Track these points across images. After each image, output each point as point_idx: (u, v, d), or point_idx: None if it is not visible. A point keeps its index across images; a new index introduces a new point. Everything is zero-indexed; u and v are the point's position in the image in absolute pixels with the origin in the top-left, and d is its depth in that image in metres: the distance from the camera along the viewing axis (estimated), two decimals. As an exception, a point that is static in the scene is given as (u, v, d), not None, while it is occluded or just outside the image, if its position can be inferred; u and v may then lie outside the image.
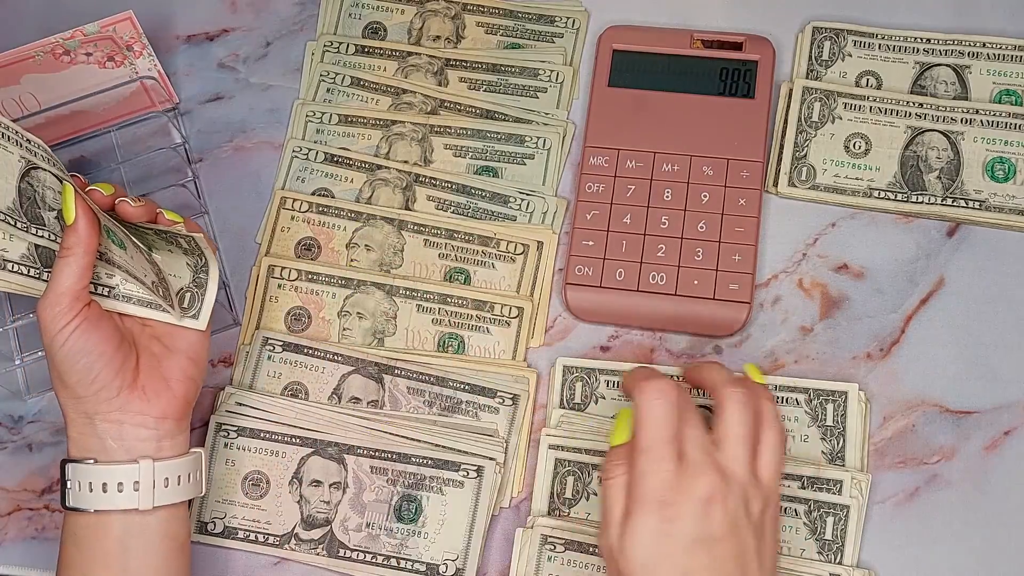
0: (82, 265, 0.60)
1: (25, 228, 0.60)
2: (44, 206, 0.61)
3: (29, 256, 0.62)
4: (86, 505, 0.62)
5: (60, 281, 0.60)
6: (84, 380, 0.62)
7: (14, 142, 0.60)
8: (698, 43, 0.79)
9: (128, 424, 0.63)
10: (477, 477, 0.71)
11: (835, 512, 0.68)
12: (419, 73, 0.82)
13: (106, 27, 0.80)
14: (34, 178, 0.61)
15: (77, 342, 0.61)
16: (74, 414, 0.63)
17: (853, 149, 0.77)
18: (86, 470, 0.63)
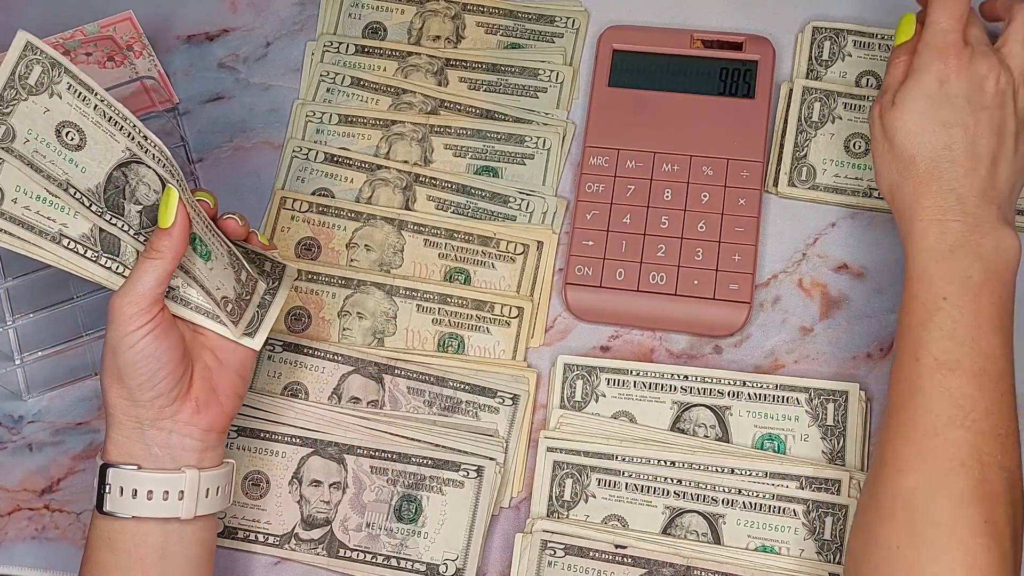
0: (167, 270, 0.60)
1: (99, 212, 0.60)
2: (130, 198, 0.61)
3: (90, 237, 0.61)
4: (125, 511, 0.61)
5: (143, 281, 0.60)
6: (145, 385, 0.61)
7: (125, 133, 0.60)
8: (698, 43, 0.79)
9: (176, 433, 0.63)
10: (477, 477, 0.71)
11: (834, 512, 0.68)
12: (419, 73, 0.82)
13: (106, 27, 0.80)
14: (132, 171, 0.61)
15: (148, 346, 0.60)
16: (123, 416, 0.62)
17: (853, 149, 0.77)
18: (129, 476, 0.62)
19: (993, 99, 0.65)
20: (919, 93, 0.65)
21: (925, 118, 0.65)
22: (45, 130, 0.58)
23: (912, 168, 0.65)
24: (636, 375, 0.73)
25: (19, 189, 0.58)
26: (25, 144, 0.58)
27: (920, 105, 0.65)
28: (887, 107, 0.67)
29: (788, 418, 0.71)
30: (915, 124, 0.65)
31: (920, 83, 0.65)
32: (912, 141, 0.65)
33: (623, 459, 0.70)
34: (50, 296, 0.76)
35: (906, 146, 0.65)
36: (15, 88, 0.57)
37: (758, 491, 0.69)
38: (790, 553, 0.68)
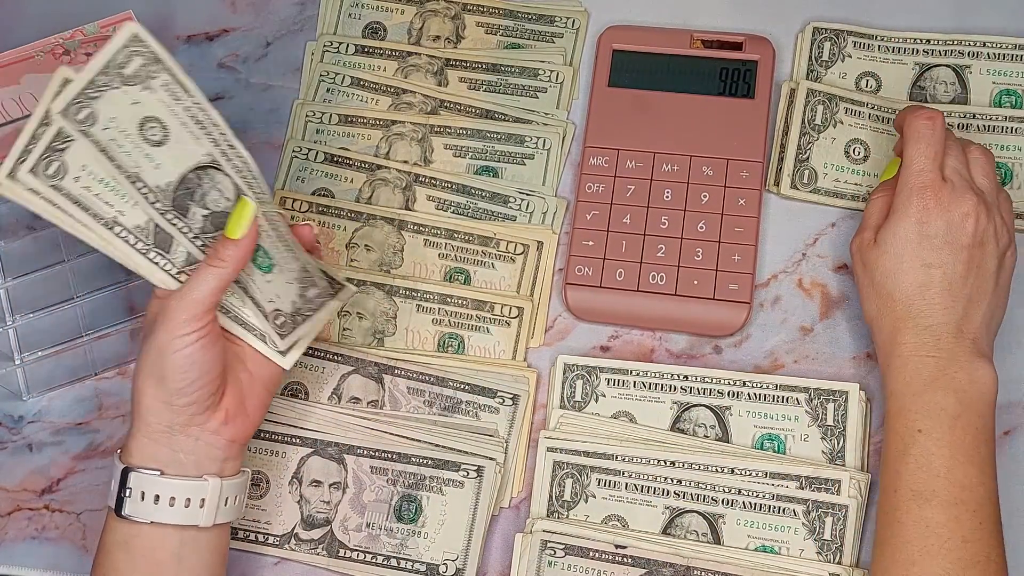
0: (227, 279, 0.60)
1: (161, 210, 0.60)
2: (199, 201, 0.61)
3: (144, 230, 0.61)
4: (144, 516, 0.61)
5: (201, 288, 0.60)
6: (185, 390, 0.61)
7: (211, 138, 0.60)
8: (698, 43, 0.80)
9: (203, 441, 0.62)
10: (477, 477, 0.71)
11: (834, 512, 0.68)
12: (419, 73, 0.82)
13: (106, 27, 0.80)
14: (208, 175, 0.61)
15: (195, 353, 0.60)
16: (153, 420, 0.61)
17: (853, 155, 0.77)
18: (152, 481, 0.61)
19: (973, 238, 0.66)
20: (899, 234, 0.66)
21: (904, 259, 0.66)
22: (129, 121, 0.58)
23: (891, 305, 0.66)
24: (636, 375, 0.73)
25: (84, 168, 0.58)
26: (104, 131, 0.57)
27: (899, 246, 0.66)
28: (867, 244, 0.68)
29: (788, 418, 0.71)
30: (894, 264, 0.66)
31: (900, 224, 0.66)
32: (890, 280, 0.66)
33: (623, 459, 0.70)
34: (50, 296, 0.76)
35: (885, 284, 0.67)
36: (109, 75, 0.57)
37: (758, 491, 0.69)
38: (790, 553, 0.68)
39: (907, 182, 0.67)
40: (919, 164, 0.66)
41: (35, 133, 0.57)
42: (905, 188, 0.66)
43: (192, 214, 0.61)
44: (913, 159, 0.67)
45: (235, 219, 0.60)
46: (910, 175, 0.67)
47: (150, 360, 0.61)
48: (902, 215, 0.66)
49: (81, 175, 0.58)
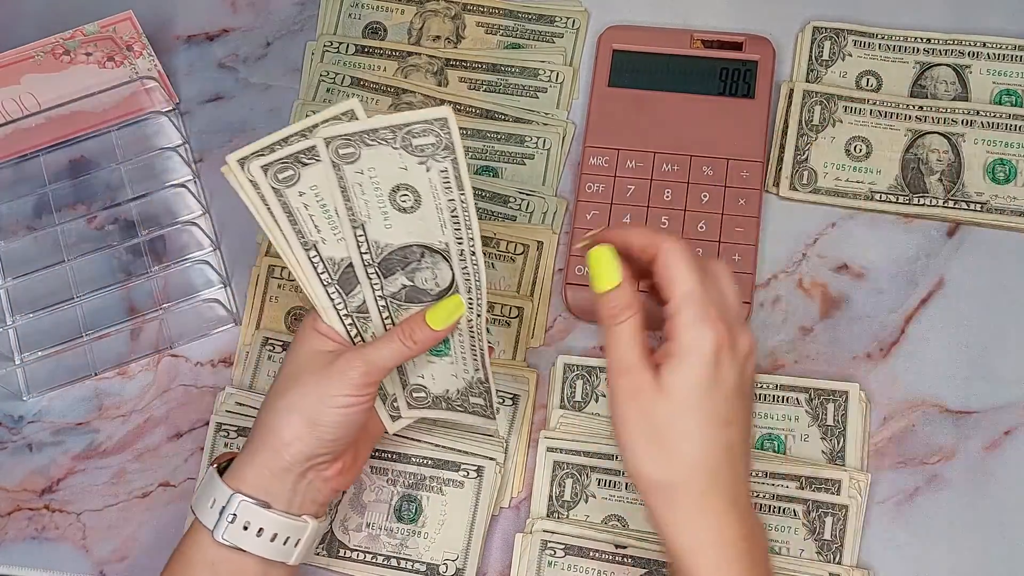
0: (408, 357, 0.61)
1: (366, 263, 0.60)
2: (407, 272, 0.61)
3: (335, 264, 0.60)
4: (241, 544, 0.60)
5: (384, 356, 0.60)
6: (331, 443, 0.61)
7: (457, 235, 0.59)
8: (698, 43, 0.79)
9: (314, 485, 0.62)
10: (477, 477, 0.71)
11: (833, 512, 0.68)
12: (419, 73, 0.82)
13: (106, 27, 0.80)
14: (433, 258, 0.60)
15: (357, 415, 0.61)
16: (288, 456, 0.60)
17: (854, 152, 0.77)
18: (260, 514, 0.60)
19: (752, 383, 0.59)
20: (693, 381, 0.55)
21: (704, 414, 0.56)
22: (387, 179, 0.57)
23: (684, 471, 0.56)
24: (636, 375, 0.72)
25: (313, 188, 0.58)
26: (357, 174, 0.57)
27: (696, 397, 0.55)
28: (645, 388, 0.56)
29: (788, 418, 0.71)
30: (694, 422, 0.56)
31: (691, 367, 0.55)
32: (689, 442, 0.56)
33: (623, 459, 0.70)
34: (50, 296, 0.76)
35: (683, 448, 0.56)
36: (396, 134, 0.56)
37: (758, 491, 0.69)
38: (790, 553, 0.68)
39: (696, 316, 0.56)
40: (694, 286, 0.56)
41: (289, 138, 0.57)
42: (696, 323, 0.56)
43: (393, 279, 0.61)
44: (686, 277, 0.56)
45: (443, 311, 0.61)
46: (694, 302, 0.56)
47: (309, 402, 0.60)
48: (691, 353, 0.56)
49: (307, 192, 0.58)
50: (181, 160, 0.80)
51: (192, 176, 0.80)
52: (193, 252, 0.78)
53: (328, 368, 0.60)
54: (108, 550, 0.73)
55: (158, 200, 0.79)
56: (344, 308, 0.62)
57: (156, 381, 0.77)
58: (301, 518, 0.62)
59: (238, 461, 0.62)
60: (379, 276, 0.61)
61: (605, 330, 0.58)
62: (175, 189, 0.79)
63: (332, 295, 0.61)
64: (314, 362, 0.61)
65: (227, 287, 0.78)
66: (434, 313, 0.61)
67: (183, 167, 0.80)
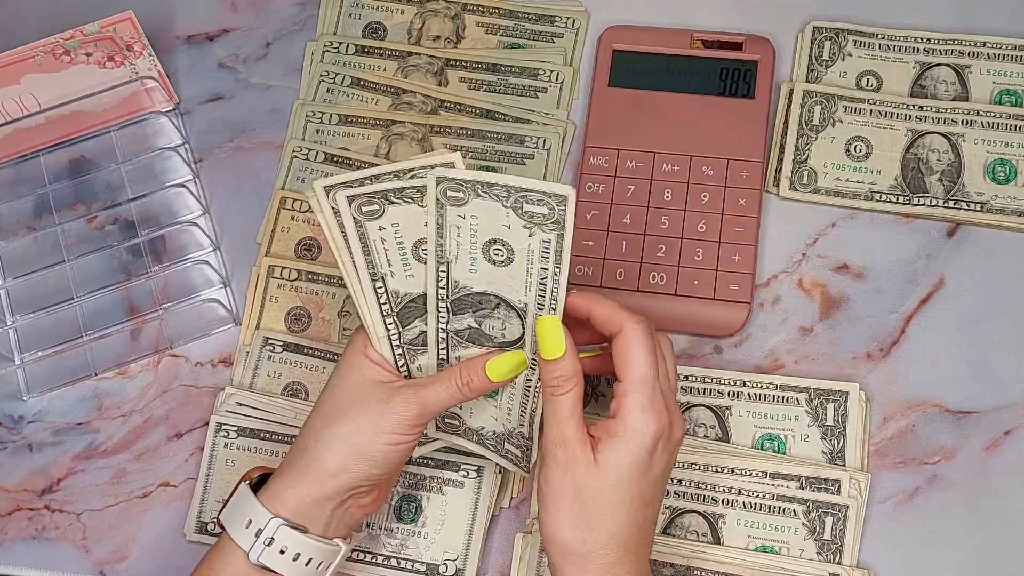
0: (460, 401, 0.61)
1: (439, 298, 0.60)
2: (477, 316, 0.61)
3: (398, 297, 0.61)
4: (275, 567, 0.60)
5: (442, 400, 0.61)
6: (376, 476, 0.61)
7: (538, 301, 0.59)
8: (698, 43, 0.79)
9: (349, 512, 0.62)
10: (477, 477, 0.71)
11: (833, 512, 0.68)
12: (419, 73, 0.82)
13: (106, 27, 0.80)
14: (507, 312, 0.60)
15: (405, 452, 0.61)
16: (333, 485, 0.60)
17: (854, 152, 0.77)
18: (298, 539, 0.60)
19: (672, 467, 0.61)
20: (624, 462, 0.57)
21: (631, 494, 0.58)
22: (485, 231, 0.57)
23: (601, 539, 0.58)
24: (636, 375, 0.72)
25: (395, 226, 0.59)
26: (458, 217, 0.57)
27: (628, 478, 0.57)
28: (580, 461, 0.57)
29: (788, 418, 0.71)
30: (620, 500, 0.57)
31: (628, 450, 0.57)
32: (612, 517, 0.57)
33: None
34: (50, 296, 0.76)
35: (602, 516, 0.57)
36: (514, 195, 0.56)
37: (758, 491, 0.69)
38: (790, 553, 0.68)
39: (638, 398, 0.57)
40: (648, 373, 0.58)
41: (386, 174, 0.58)
42: (637, 406, 0.57)
43: (461, 318, 0.61)
44: (646, 362, 0.58)
45: (506, 365, 0.61)
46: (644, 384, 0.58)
47: (361, 437, 0.60)
48: (634, 438, 0.57)
49: (387, 228, 0.59)
50: (181, 160, 0.80)
51: (192, 176, 0.80)
52: (193, 252, 0.78)
53: (383, 405, 0.60)
54: (108, 550, 0.73)
55: (158, 200, 0.79)
56: (398, 339, 0.62)
57: (156, 381, 0.77)
58: (333, 542, 0.62)
59: (277, 482, 0.61)
60: (448, 312, 0.61)
61: (546, 398, 0.59)
62: (175, 189, 0.79)
63: (389, 325, 0.62)
64: (367, 394, 0.61)
65: (227, 287, 0.78)
66: (495, 364, 0.61)
67: (183, 167, 0.80)
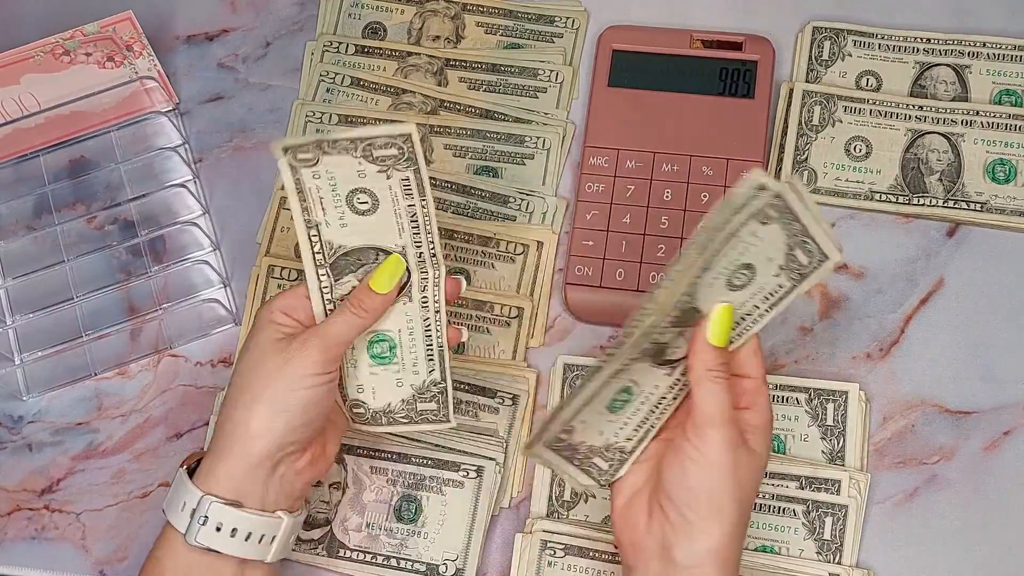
0: (364, 328, 0.62)
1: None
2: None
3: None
4: (217, 546, 0.60)
5: (342, 330, 0.61)
6: (300, 428, 0.61)
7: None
8: (698, 43, 0.79)
9: (285, 479, 0.61)
10: (477, 477, 0.71)
11: (833, 512, 0.68)
12: (419, 73, 0.82)
13: (106, 27, 0.80)
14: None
15: (324, 395, 0.61)
16: (259, 449, 0.60)
17: (854, 152, 0.77)
18: (231, 514, 0.60)
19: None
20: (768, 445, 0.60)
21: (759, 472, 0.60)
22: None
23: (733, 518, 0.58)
24: (636, 375, 0.73)
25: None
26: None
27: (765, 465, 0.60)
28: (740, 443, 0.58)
29: (788, 418, 0.71)
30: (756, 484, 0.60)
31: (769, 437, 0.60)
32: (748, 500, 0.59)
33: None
34: (50, 296, 0.76)
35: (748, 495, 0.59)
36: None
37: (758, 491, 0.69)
38: (790, 553, 0.68)
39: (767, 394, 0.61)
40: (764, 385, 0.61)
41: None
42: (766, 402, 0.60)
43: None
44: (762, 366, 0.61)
45: (385, 274, 0.62)
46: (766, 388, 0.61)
47: (274, 389, 0.60)
48: (768, 429, 0.60)
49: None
50: (181, 160, 0.80)
51: (192, 176, 0.80)
52: (193, 252, 0.78)
53: (286, 351, 0.60)
54: (108, 550, 0.73)
55: (158, 200, 0.79)
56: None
57: (156, 381, 0.77)
58: (275, 514, 0.61)
59: (208, 460, 0.61)
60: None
61: (701, 381, 0.58)
62: (175, 189, 0.79)
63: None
64: (273, 349, 0.61)
65: (227, 287, 0.78)
66: (377, 278, 0.62)
67: (183, 167, 0.80)
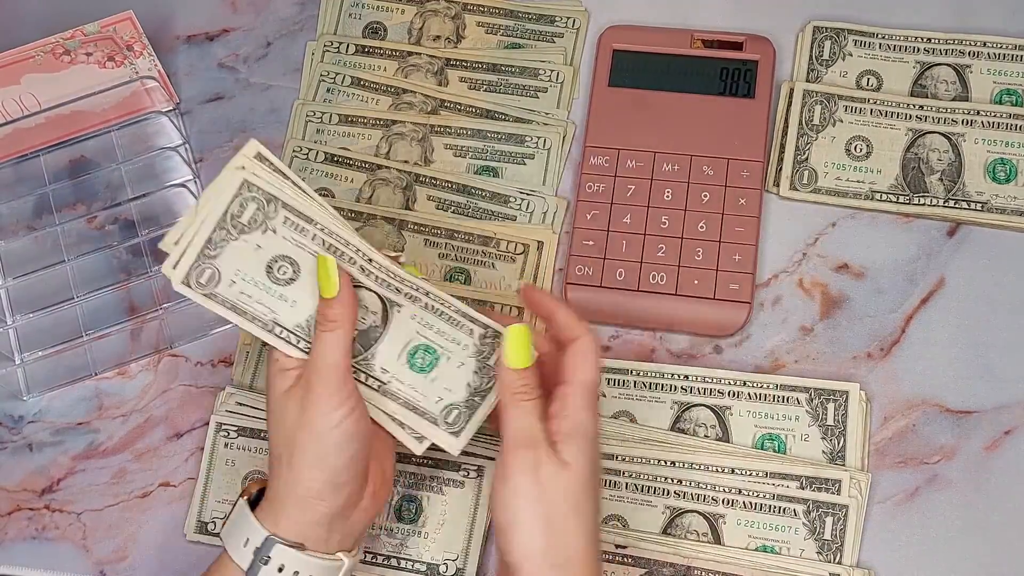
0: (349, 338, 0.59)
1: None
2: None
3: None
4: None
5: (329, 355, 0.59)
6: (348, 466, 0.59)
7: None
8: (698, 43, 0.79)
9: (352, 520, 0.61)
10: (477, 477, 0.71)
11: (834, 512, 0.68)
12: (419, 73, 0.82)
13: (106, 27, 0.80)
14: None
15: (351, 427, 0.59)
16: (323, 507, 0.59)
17: (854, 152, 0.77)
18: (294, 557, 0.59)
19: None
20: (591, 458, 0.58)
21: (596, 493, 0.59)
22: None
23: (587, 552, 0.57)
24: (636, 375, 0.73)
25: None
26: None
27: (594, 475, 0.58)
28: (547, 463, 0.57)
29: (788, 418, 0.71)
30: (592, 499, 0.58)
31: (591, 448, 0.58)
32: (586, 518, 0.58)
33: (623, 459, 0.70)
34: (50, 296, 0.76)
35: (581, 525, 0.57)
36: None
37: (758, 491, 0.69)
38: (790, 553, 0.68)
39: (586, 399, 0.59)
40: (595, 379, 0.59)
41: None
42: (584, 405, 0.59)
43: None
44: (592, 370, 0.59)
45: (323, 278, 0.60)
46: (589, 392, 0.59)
47: (306, 444, 0.59)
48: (587, 435, 0.58)
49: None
50: (181, 160, 0.80)
51: (192, 176, 0.80)
52: (193, 252, 0.78)
53: (299, 400, 0.59)
54: (108, 550, 0.73)
55: (158, 200, 0.79)
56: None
57: (156, 381, 0.77)
58: (335, 556, 0.61)
59: (269, 499, 0.60)
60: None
61: (506, 406, 0.59)
62: (175, 189, 0.79)
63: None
64: (285, 401, 0.60)
65: (227, 287, 0.78)
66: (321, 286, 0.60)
67: (183, 167, 0.80)
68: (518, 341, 0.59)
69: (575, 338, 0.60)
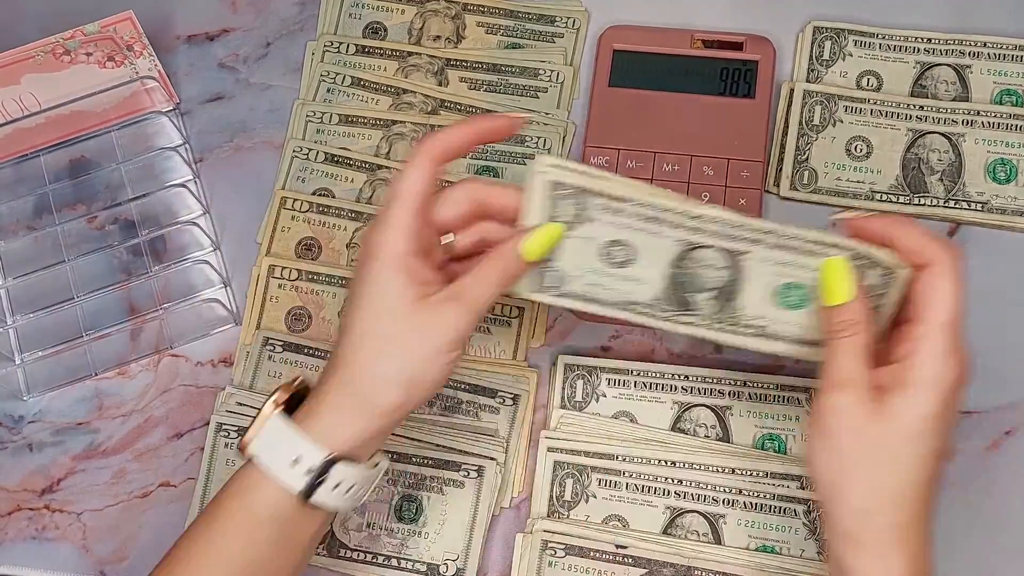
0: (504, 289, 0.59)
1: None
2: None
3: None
4: (331, 505, 0.57)
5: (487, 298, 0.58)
6: (424, 399, 0.59)
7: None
8: (698, 43, 0.79)
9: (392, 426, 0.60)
10: (478, 477, 0.71)
11: (835, 512, 0.68)
12: (419, 73, 0.82)
13: (106, 27, 0.80)
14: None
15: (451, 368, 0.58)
16: (388, 423, 0.57)
17: (855, 152, 0.77)
18: (351, 472, 0.57)
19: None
20: (927, 412, 0.53)
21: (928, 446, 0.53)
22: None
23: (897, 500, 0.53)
24: (637, 375, 0.73)
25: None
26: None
27: (926, 428, 0.53)
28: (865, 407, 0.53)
29: (788, 418, 0.71)
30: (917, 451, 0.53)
31: (930, 402, 0.53)
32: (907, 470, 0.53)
33: (624, 459, 0.70)
34: (50, 296, 0.76)
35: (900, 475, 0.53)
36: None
37: (759, 491, 0.69)
38: (790, 553, 0.68)
39: (941, 343, 0.53)
40: (957, 315, 0.53)
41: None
42: (939, 352, 0.53)
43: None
44: (953, 305, 0.53)
45: (538, 243, 0.58)
46: (949, 327, 0.53)
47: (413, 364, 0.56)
48: (932, 388, 0.53)
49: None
50: (181, 160, 0.80)
51: (192, 176, 0.80)
52: (193, 252, 0.78)
53: (431, 322, 0.56)
54: (108, 550, 0.73)
55: (158, 200, 0.79)
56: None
57: (156, 381, 0.77)
58: (377, 465, 0.60)
59: (327, 417, 0.56)
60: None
61: (827, 344, 0.55)
62: (175, 189, 0.79)
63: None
64: (412, 316, 0.56)
65: (227, 287, 0.78)
66: (530, 245, 0.58)
67: (183, 167, 0.80)
68: (832, 273, 0.55)
69: (927, 263, 0.54)
